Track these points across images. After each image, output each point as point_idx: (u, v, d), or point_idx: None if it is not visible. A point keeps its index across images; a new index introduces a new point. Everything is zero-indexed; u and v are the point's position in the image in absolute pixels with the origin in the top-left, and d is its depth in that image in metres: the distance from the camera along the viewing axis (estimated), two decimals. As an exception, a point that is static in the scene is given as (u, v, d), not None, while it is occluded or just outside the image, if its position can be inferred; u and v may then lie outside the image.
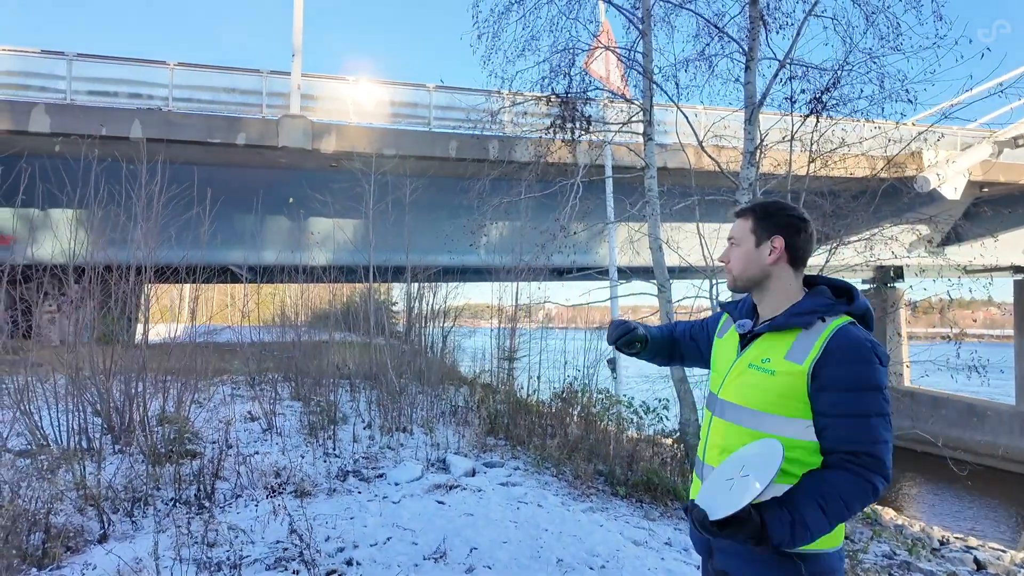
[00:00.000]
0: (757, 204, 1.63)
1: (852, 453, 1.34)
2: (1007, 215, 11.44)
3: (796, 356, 1.43)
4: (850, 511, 1.33)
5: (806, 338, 1.43)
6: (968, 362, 6.19)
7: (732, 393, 1.54)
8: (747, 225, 1.59)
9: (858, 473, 1.33)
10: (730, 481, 1.36)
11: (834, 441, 1.36)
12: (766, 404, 1.44)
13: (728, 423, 1.53)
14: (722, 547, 1.50)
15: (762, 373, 1.47)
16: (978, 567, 6.36)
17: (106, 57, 10.29)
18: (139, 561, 2.84)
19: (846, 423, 1.35)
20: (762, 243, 1.56)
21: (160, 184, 4.97)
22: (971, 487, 12.24)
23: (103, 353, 4.66)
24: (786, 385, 1.42)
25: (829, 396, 1.37)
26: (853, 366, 1.37)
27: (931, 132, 6.43)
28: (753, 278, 1.58)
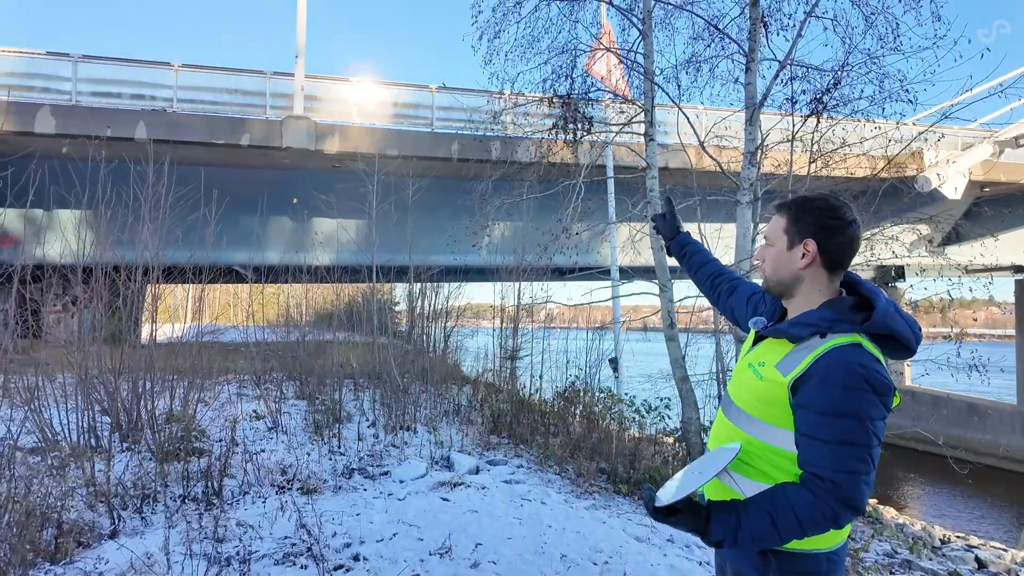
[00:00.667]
0: (794, 201, 1.51)
1: (817, 476, 1.30)
2: (1008, 215, 11.46)
3: (784, 367, 1.39)
4: (804, 530, 1.29)
5: (799, 352, 1.39)
6: (968, 361, 6.21)
7: (733, 391, 1.54)
8: (781, 224, 1.50)
9: (819, 496, 1.28)
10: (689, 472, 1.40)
11: (803, 460, 1.34)
12: (753, 407, 1.44)
13: (727, 421, 1.53)
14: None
15: (754, 376, 1.46)
16: (979, 566, 6.38)
17: (110, 58, 10.35)
18: (150, 556, 2.89)
19: (816, 446, 1.31)
20: (795, 245, 1.46)
21: (167, 185, 5.03)
22: (972, 486, 12.26)
23: (111, 353, 4.72)
24: (770, 393, 1.40)
25: (804, 415, 1.34)
26: (832, 390, 1.30)
27: (931, 132, 6.45)
28: (784, 282, 1.50)
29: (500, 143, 10.18)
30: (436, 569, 3.08)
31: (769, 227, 1.54)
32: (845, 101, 6.00)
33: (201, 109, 10.40)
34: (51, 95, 9.94)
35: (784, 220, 1.50)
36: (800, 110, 6.03)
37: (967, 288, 6.99)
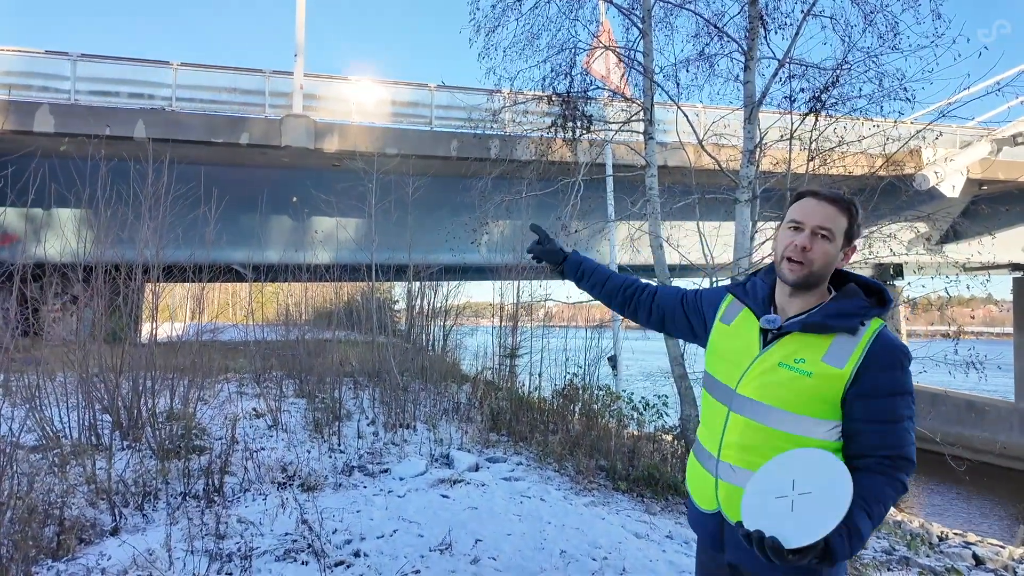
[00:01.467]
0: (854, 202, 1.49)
1: (888, 457, 1.35)
2: (1005, 213, 11.49)
3: (835, 359, 1.38)
4: (887, 511, 1.34)
5: (846, 341, 1.40)
6: (966, 359, 6.24)
7: (756, 391, 1.46)
8: (843, 223, 1.46)
9: (893, 476, 1.34)
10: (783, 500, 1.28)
11: (868, 446, 1.37)
12: (798, 405, 1.40)
13: (751, 421, 1.46)
14: (737, 542, 1.45)
15: (795, 373, 1.41)
16: (977, 562, 6.41)
17: (109, 57, 10.36)
18: (152, 552, 2.91)
19: (883, 428, 1.35)
20: (843, 248, 1.48)
21: (167, 184, 5.03)
22: (970, 483, 12.30)
23: (112, 351, 4.73)
24: (822, 388, 1.38)
25: (868, 402, 1.36)
26: (894, 372, 1.37)
27: (929, 130, 6.47)
28: (824, 277, 1.48)
29: (499, 141, 10.19)
30: (436, 565, 3.10)
31: (830, 219, 1.45)
32: (844, 99, 6.02)
33: (200, 108, 10.42)
34: (50, 94, 9.95)
35: (846, 220, 1.47)
36: (799, 108, 6.04)
37: (965, 286, 7.01)
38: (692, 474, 1.64)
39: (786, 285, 1.50)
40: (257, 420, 5.91)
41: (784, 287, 1.51)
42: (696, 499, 1.61)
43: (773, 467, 1.34)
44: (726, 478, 1.49)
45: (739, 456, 1.46)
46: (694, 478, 1.62)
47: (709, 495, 1.54)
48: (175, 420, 4.80)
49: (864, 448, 1.38)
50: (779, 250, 1.50)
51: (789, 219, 1.50)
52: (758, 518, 1.29)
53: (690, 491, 1.65)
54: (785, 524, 1.24)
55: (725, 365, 1.58)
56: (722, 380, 1.57)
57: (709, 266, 6.24)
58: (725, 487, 1.49)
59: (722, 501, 1.50)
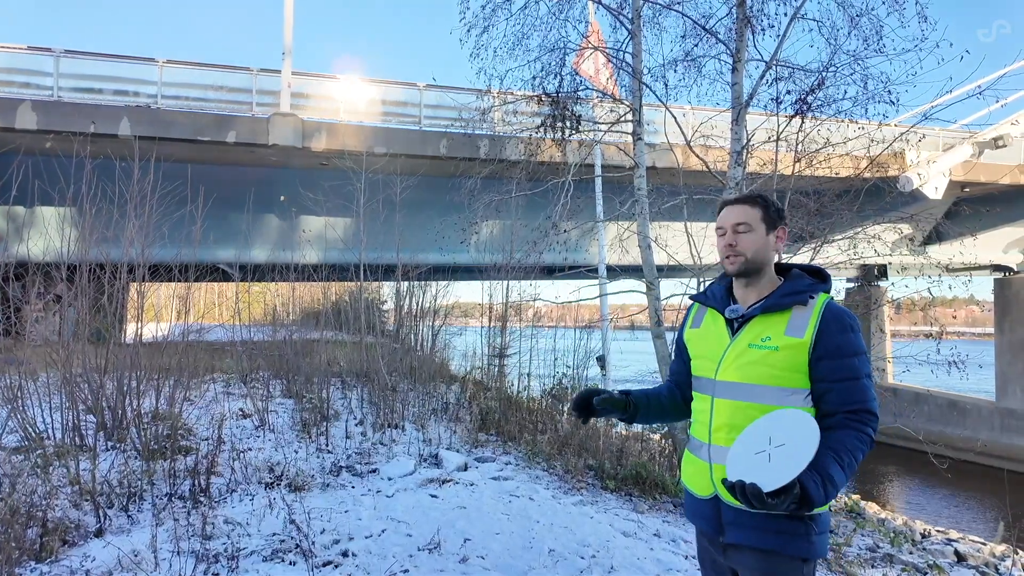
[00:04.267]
0: (760, 195, 1.73)
1: (853, 412, 1.51)
2: (986, 214, 11.68)
3: (795, 331, 1.57)
4: (857, 462, 1.48)
5: (801, 314, 1.59)
6: (948, 358, 6.32)
7: (733, 373, 1.63)
8: (757, 213, 1.69)
9: (859, 428, 1.50)
10: (762, 454, 1.43)
11: (835, 404, 1.53)
12: (771, 378, 1.57)
13: (733, 402, 1.62)
14: (736, 521, 1.58)
15: (765, 351, 1.59)
16: (958, 559, 6.50)
17: (94, 54, 10.23)
18: (137, 553, 2.88)
19: (845, 386, 1.53)
20: (770, 232, 1.69)
21: (152, 182, 4.98)
22: (951, 481, 12.47)
23: (96, 351, 4.68)
24: (789, 358, 1.56)
25: (828, 363, 1.54)
26: (846, 335, 1.55)
27: (913, 133, 6.56)
28: (761, 263, 1.68)
29: (489, 141, 10.19)
30: (425, 564, 3.10)
31: (742, 215, 1.69)
32: (829, 101, 6.08)
33: (187, 106, 10.31)
34: (32, 90, 9.80)
35: (759, 210, 1.70)
36: (785, 110, 6.10)
37: (947, 287, 7.11)
38: (688, 469, 1.76)
39: (739, 280, 1.72)
40: (244, 420, 5.87)
41: (739, 282, 1.73)
42: (693, 488, 1.72)
43: (752, 429, 1.51)
44: (718, 459, 1.61)
45: (728, 436, 1.60)
46: (691, 471, 1.75)
47: (705, 482, 1.66)
48: (161, 420, 4.75)
49: (831, 406, 1.54)
50: (719, 254, 1.75)
51: (716, 228, 1.75)
52: (740, 471, 1.43)
53: (687, 484, 1.76)
54: (763, 472, 1.40)
55: (703, 361, 1.75)
56: (703, 375, 1.73)
57: (696, 266, 6.28)
58: (719, 469, 1.59)
59: (717, 484, 1.61)
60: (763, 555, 1.56)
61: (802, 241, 6.72)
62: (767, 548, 1.55)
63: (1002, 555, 7.03)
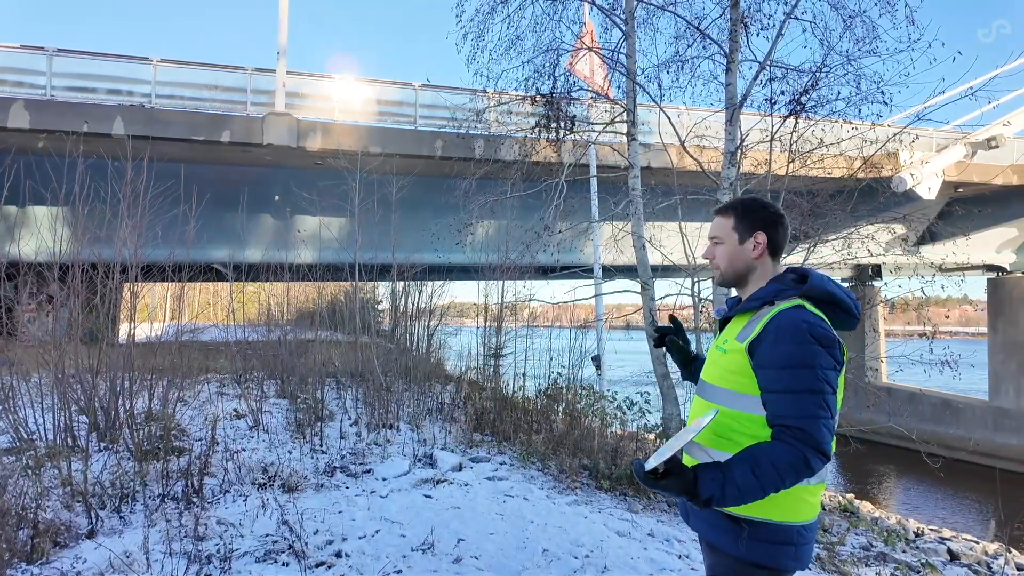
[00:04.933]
0: (736, 202, 1.71)
1: (786, 427, 1.42)
2: (979, 214, 11.75)
3: (742, 336, 1.57)
4: (782, 479, 1.38)
5: (754, 320, 1.57)
6: (941, 357, 6.37)
7: (706, 373, 1.69)
8: (728, 223, 1.68)
9: (791, 445, 1.40)
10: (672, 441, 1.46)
11: (772, 415, 1.47)
12: (722, 379, 1.59)
13: (702, 401, 1.67)
14: (694, 512, 1.62)
15: (720, 352, 1.63)
16: (952, 557, 6.54)
17: (87, 53, 10.17)
18: (129, 555, 2.87)
19: (781, 398, 1.45)
20: (745, 240, 1.65)
21: (146, 181, 4.96)
22: (944, 480, 12.54)
23: (88, 351, 4.65)
24: (735, 362, 1.56)
25: (765, 373, 1.49)
26: (785, 345, 1.46)
27: (906, 133, 6.60)
28: (739, 272, 1.68)
29: (484, 141, 10.18)
30: (418, 564, 3.09)
31: (715, 227, 1.70)
32: (823, 102, 6.12)
33: (181, 105, 10.27)
34: (25, 89, 9.75)
35: (731, 220, 1.68)
36: (779, 110, 6.12)
37: (940, 286, 7.16)
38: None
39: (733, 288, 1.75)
40: (238, 421, 5.85)
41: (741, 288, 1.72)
42: None
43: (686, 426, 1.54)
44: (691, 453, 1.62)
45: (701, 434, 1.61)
46: None
47: None
48: (154, 421, 4.73)
49: (769, 417, 1.48)
50: None
51: None
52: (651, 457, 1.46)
53: None
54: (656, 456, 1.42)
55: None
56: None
57: (691, 266, 6.30)
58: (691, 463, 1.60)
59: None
60: (711, 549, 1.61)
61: (796, 241, 6.75)
62: (711, 542, 1.60)
63: (994, 553, 7.07)
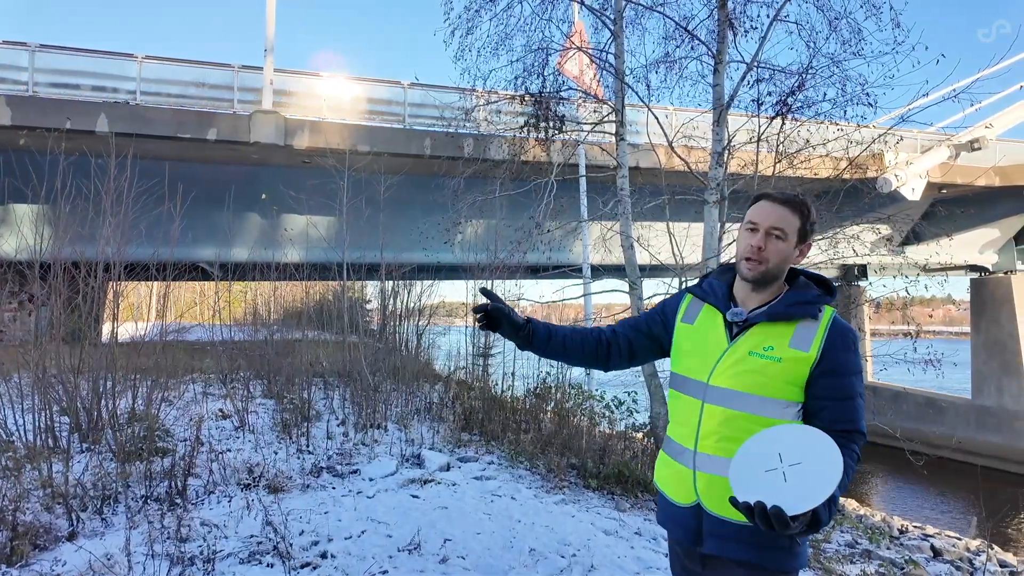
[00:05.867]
0: (805, 202, 1.58)
1: (845, 432, 1.46)
2: (962, 215, 11.92)
3: (801, 344, 1.50)
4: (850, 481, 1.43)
5: (807, 327, 1.51)
6: (924, 356, 6.44)
7: (728, 380, 1.53)
8: (796, 223, 1.56)
9: (851, 448, 1.45)
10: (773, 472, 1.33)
11: (828, 421, 1.46)
12: (771, 390, 1.49)
13: (728, 410, 1.52)
14: (718, 532, 1.51)
15: (766, 360, 1.50)
16: (935, 554, 6.62)
17: (70, 48, 10.05)
18: (110, 557, 2.83)
19: (842, 404, 1.48)
20: (799, 244, 1.57)
21: (130, 179, 4.90)
22: (928, 478, 12.69)
23: (70, 351, 4.59)
24: (791, 371, 1.49)
25: (828, 380, 1.48)
26: (849, 353, 1.50)
27: (891, 135, 6.66)
28: (778, 274, 1.58)
29: (473, 140, 10.16)
30: (405, 565, 3.08)
31: (782, 219, 1.55)
32: (809, 103, 6.16)
33: (167, 102, 10.17)
34: (7, 85, 9.61)
35: (798, 219, 1.56)
36: (766, 111, 6.16)
37: (924, 286, 7.23)
38: (665, 472, 1.67)
39: (746, 282, 1.60)
40: (223, 421, 5.80)
41: (744, 284, 1.61)
42: (671, 495, 1.63)
43: (754, 444, 1.39)
44: (705, 468, 1.53)
45: (718, 445, 1.51)
46: (668, 476, 1.65)
47: (686, 489, 1.57)
48: (137, 422, 4.68)
49: (824, 423, 1.45)
50: (739, 250, 1.61)
51: (747, 221, 1.60)
52: (751, 491, 1.33)
53: (663, 488, 1.67)
54: (783, 493, 1.29)
55: (693, 361, 1.63)
56: (692, 376, 1.62)
57: (678, 266, 6.33)
58: (704, 478, 1.53)
59: (701, 493, 1.54)
60: (745, 568, 1.50)
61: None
62: (750, 561, 1.49)
63: (977, 550, 7.18)
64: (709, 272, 1.80)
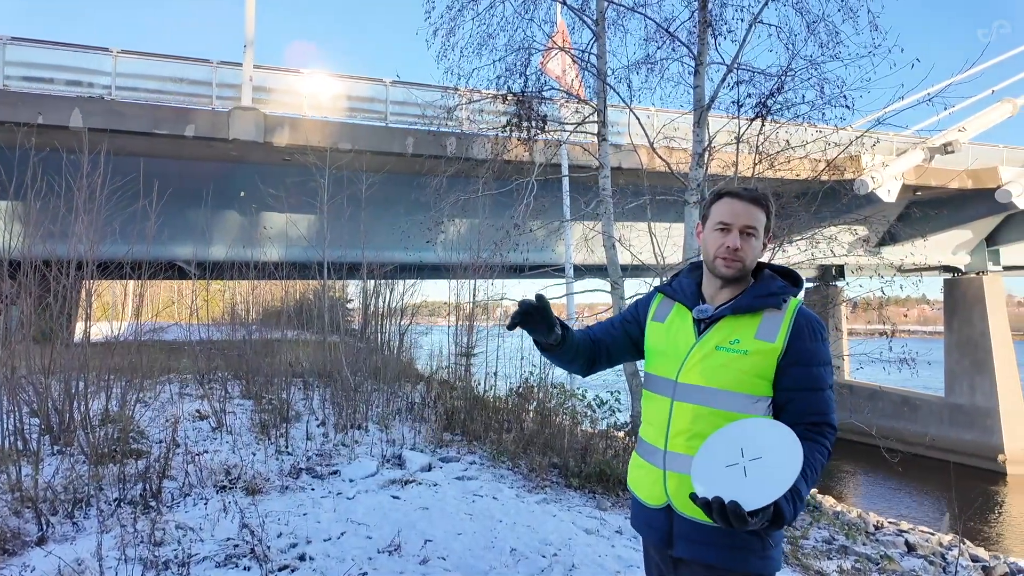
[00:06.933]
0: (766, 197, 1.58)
1: (814, 424, 1.44)
2: (936, 217, 12.18)
3: (767, 335, 1.48)
4: (819, 476, 1.41)
5: (773, 318, 1.50)
6: (899, 355, 6.56)
7: (697, 376, 1.51)
8: (764, 219, 1.57)
9: (820, 441, 1.43)
10: (735, 467, 1.31)
11: (798, 414, 1.45)
12: (739, 384, 1.47)
13: (697, 407, 1.50)
14: (687, 535, 1.49)
15: (733, 354, 1.49)
16: (909, 549, 6.75)
17: (43, 41, 9.81)
18: (81, 562, 2.76)
19: (810, 396, 1.46)
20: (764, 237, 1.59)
21: (103, 175, 4.79)
22: (903, 474, 12.95)
23: (41, 351, 4.48)
24: (758, 364, 1.47)
25: (796, 371, 1.46)
26: (817, 343, 1.48)
27: (868, 136, 6.78)
28: (751, 269, 1.59)
29: (455, 139, 10.13)
30: (384, 566, 3.05)
31: (753, 217, 1.55)
32: (788, 105, 6.25)
33: (143, 98, 9.97)
34: (-26, 79, 9.35)
35: (765, 216, 1.57)
36: (746, 113, 6.23)
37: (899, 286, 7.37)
38: (637, 474, 1.65)
39: (715, 279, 1.59)
40: (200, 422, 5.71)
41: (713, 280, 1.60)
42: (643, 497, 1.61)
43: (718, 438, 1.37)
44: (675, 468, 1.50)
45: (688, 443, 1.48)
46: (639, 477, 1.63)
47: (657, 490, 1.54)
48: (111, 423, 4.58)
49: (794, 415, 1.45)
50: (711, 250, 1.58)
51: (716, 220, 1.58)
52: (712, 486, 1.31)
53: (635, 491, 1.64)
54: (742, 489, 1.28)
55: (663, 359, 1.62)
56: (662, 374, 1.61)
57: (660, 266, 6.37)
58: (675, 477, 1.50)
59: (671, 493, 1.51)
60: (716, 572, 1.47)
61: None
62: (721, 566, 1.46)
63: (949, 544, 7.33)
64: (680, 271, 1.79)
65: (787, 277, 1.61)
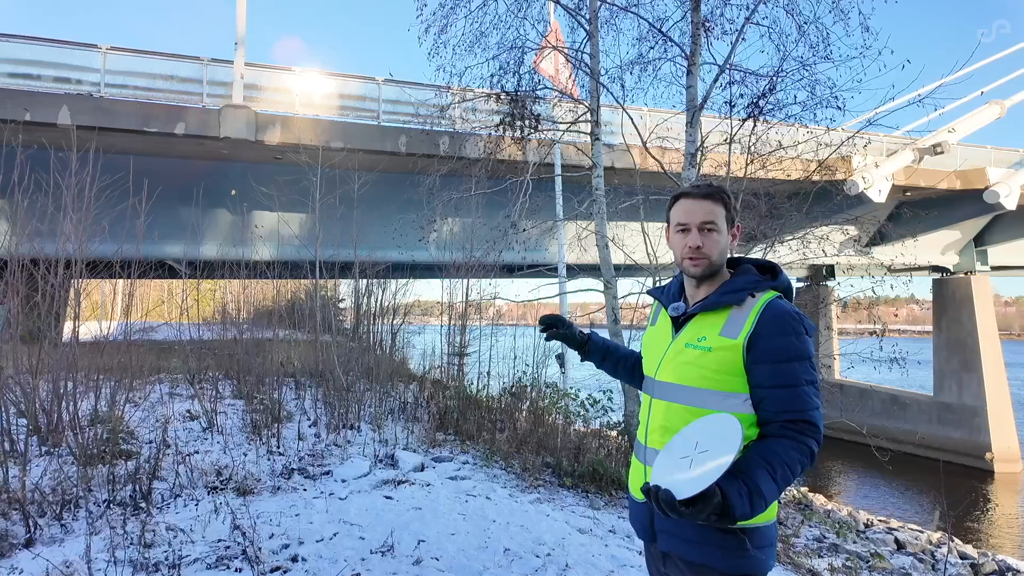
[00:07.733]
0: (721, 190, 1.60)
1: (790, 422, 1.40)
2: (925, 217, 12.30)
3: (730, 331, 1.48)
4: (794, 476, 1.38)
5: (738, 314, 1.49)
6: (889, 355, 6.62)
7: (669, 373, 1.56)
8: (722, 212, 1.57)
9: (798, 439, 1.39)
10: (686, 459, 1.34)
11: (772, 411, 1.42)
12: (705, 380, 1.48)
13: (668, 403, 1.54)
14: (666, 529, 1.50)
15: (699, 351, 1.50)
16: (898, 547, 6.82)
17: (30, 38, 9.68)
18: (69, 564, 2.73)
19: (782, 393, 1.41)
20: (730, 230, 1.60)
21: (92, 173, 4.74)
22: (892, 472, 13.05)
23: (29, 351, 4.42)
24: (723, 360, 1.46)
25: (764, 368, 1.43)
26: (785, 338, 1.44)
27: (859, 137, 6.82)
28: (720, 264, 1.59)
29: (448, 138, 10.10)
30: (377, 567, 3.04)
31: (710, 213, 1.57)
32: (780, 106, 6.27)
33: (133, 95, 9.88)
34: (-40, 75, 9.23)
35: (723, 208, 1.58)
36: (738, 113, 6.25)
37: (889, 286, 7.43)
38: (630, 471, 1.71)
39: (692, 279, 1.62)
40: (191, 422, 5.66)
41: (690, 280, 1.64)
42: (633, 492, 1.66)
43: (683, 432, 1.43)
44: (652, 462, 1.51)
45: (661, 439, 1.51)
46: (632, 473, 1.69)
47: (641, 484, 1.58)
48: (100, 423, 4.53)
49: (768, 413, 1.44)
50: (677, 252, 1.63)
51: (676, 223, 1.61)
52: (662, 477, 1.36)
53: (630, 487, 1.69)
54: (680, 478, 1.31)
55: (649, 359, 1.70)
56: (647, 373, 1.69)
57: (652, 266, 6.38)
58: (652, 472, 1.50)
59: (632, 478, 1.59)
60: (694, 568, 1.48)
61: (755, 241, 6.90)
62: (696, 561, 1.46)
63: (938, 542, 7.40)
64: (674, 277, 1.83)
65: (765, 271, 1.61)
